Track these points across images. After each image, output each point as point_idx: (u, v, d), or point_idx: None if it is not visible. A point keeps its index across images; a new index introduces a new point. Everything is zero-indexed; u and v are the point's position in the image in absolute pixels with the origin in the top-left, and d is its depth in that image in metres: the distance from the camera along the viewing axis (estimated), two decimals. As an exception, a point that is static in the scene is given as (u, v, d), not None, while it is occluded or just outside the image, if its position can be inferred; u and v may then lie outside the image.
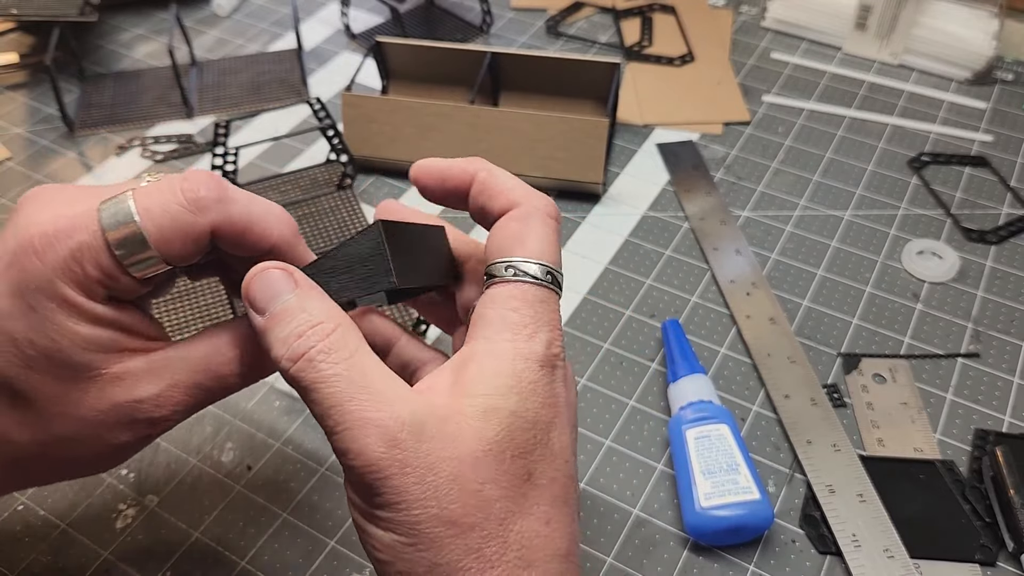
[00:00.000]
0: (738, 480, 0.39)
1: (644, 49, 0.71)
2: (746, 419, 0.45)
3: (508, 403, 0.26)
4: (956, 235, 0.55)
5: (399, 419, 0.25)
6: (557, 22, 0.74)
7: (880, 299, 0.51)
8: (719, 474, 0.40)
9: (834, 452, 0.43)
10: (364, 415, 0.25)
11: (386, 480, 0.25)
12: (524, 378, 0.27)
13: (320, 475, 0.43)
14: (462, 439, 0.26)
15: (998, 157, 0.61)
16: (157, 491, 0.43)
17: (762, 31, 0.73)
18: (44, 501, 0.42)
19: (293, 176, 0.60)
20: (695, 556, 0.40)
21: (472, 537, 0.25)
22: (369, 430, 0.25)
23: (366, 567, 0.40)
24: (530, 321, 0.28)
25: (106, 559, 0.40)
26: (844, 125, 0.64)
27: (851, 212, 0.57)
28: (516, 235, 0.29)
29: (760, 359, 0.47)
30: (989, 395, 0.46)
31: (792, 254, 0.54)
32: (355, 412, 0.25)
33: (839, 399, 0.46)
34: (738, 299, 0.51)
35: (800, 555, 0.40)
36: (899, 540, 0.39)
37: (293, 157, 0.61)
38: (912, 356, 0.48)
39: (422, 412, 0.26)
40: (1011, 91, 0.66)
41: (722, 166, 0.60)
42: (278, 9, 0.76)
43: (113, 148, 0.62)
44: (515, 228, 0.29)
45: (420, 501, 0.25)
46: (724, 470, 0.40)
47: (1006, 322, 0.50)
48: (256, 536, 0.41)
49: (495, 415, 0.26)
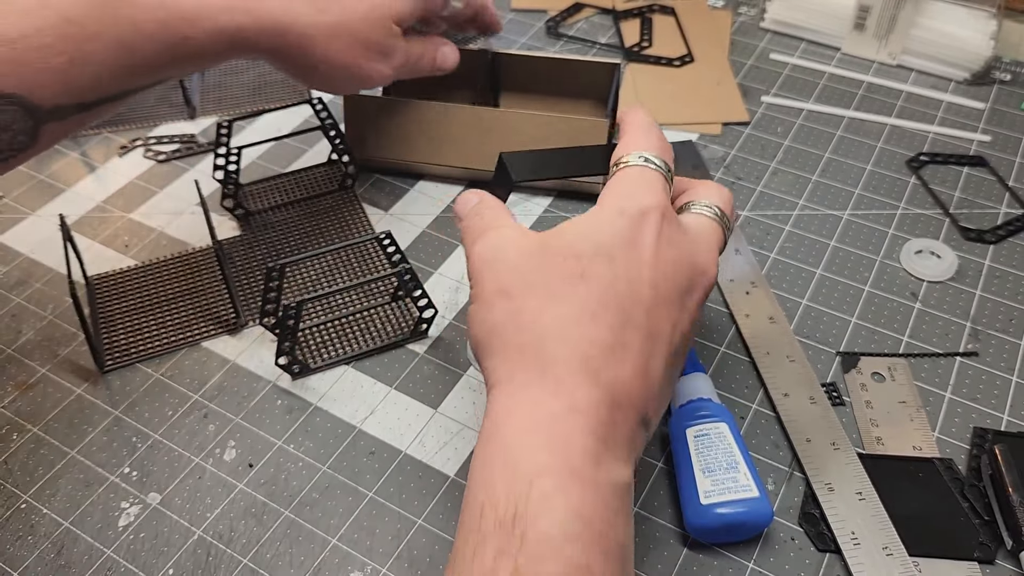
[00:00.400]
0: (737, 478, 0.39)
1: (644, 50, 0.71)
2: (745, 417, 0.45)
3: (575, 225, 0.35)
4: (954, 234, 0.55)
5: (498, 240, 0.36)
6: (557, 23, 0.75)
7: (879, 298, 0.51)
8: (719, 472, 0.40)
9: (833, 450, 0.43)
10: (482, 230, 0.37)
11: (473, 272, 0.36)
12: (600, 216, 0.35)
13: (322, 473, 0.43)
14: (528, 239, 0.35)
15: (996, 157, 0.61)
16: (159, 489, 0.43)
17: (761, 32, 0.74)
18: (47, 499, 0.43)
19: (295, 176, 0.60)
20: (695, 554, 0.40)
21: (514, 304, 0.33)
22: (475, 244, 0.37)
23: (368, 564, 0.40)
24: (623, 190, 0.36)
25: (108, 557, 0.40)
26: (843, 125, 0.64)
27: (850, 211, 0.57)
28: (621, 143, 0.39)
29: (759, 357, 0.48)
30: (987, 394, 0.46)
31: (791, 253, 0.54)
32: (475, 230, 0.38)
33: (838, 398, 0.46)
34: (737, 298, 0.51)
35: (799, 553, 0.40)
36: (898, 538, 0.39)
37: (296, 157, 0.62)
38: (911, 355, 0.48)
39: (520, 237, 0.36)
40: (1009, 91, 0.67)
41: (721, 166, 0.61)
42: None
43: (116, 148, 0.62)
44: (622, 138, 0.39)
45: (488, 278, 0.35)
46: (724, 468, 0.40)
47: (1004, 321, 0.50)
48: (258, 534, 0.41)
49: (560, 229, 0.35)
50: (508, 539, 0.28)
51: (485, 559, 0.28)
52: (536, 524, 0.28)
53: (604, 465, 0.30)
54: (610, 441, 0.31)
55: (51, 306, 0.52)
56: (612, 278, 0.33)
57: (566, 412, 0.31)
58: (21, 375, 0.48)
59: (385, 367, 0.48)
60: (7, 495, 0.43)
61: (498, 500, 0.29)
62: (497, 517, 0.28)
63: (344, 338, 0.49)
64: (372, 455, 0.44)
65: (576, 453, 0.30)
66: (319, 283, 0.53)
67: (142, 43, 0.40)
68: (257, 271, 0.53)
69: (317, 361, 0.48)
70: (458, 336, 0.50)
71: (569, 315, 0.33)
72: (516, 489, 0.29)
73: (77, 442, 0.45)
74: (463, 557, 0.29)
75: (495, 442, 0.31)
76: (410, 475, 0.43)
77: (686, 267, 0.35)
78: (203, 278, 0.53)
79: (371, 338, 0.49)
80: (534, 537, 0.27)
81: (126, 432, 0.45)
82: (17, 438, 0.45)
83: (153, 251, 0.55)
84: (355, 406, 0.46)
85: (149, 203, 0.59)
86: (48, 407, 0.47)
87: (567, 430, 0.30)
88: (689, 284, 0.35)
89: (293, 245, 0.55)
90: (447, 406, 0.46)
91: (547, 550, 0.27)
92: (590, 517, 0.29)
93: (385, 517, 0.42)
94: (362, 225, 0.56)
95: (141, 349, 0.49)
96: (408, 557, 0.40)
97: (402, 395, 0.47)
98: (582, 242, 0.34)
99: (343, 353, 0.49)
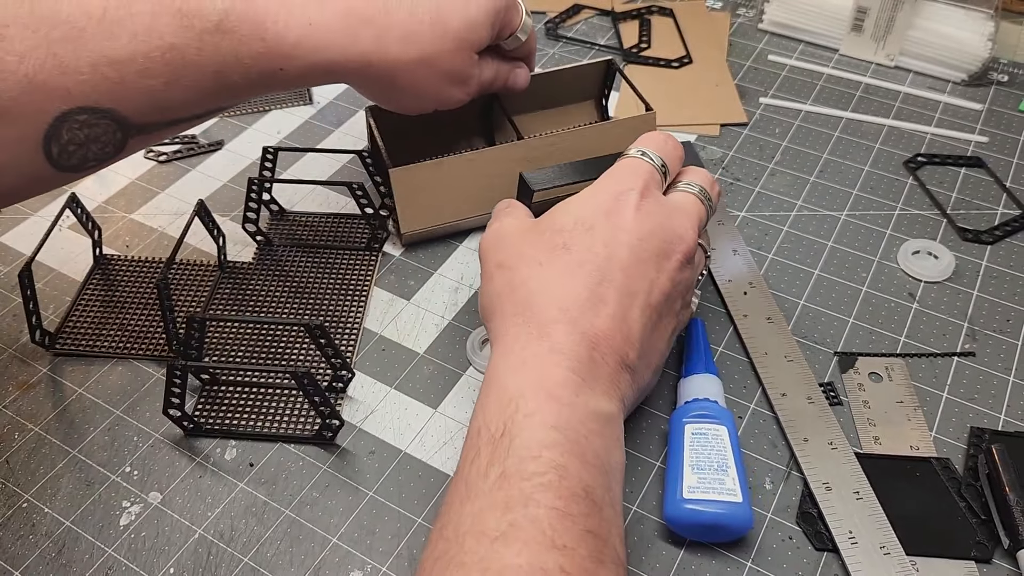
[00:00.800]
0: (725, 481, 0.39)
1: (642, 51, 0.71)
2: (743, 417, 0.46)
3: (564, 204, 0.41)
4: (952, 235, 0.55)
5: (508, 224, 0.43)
6: (556, 24, 0.75)
7: (876, 298, 0.52)
8: (707, 471, 0.40)
9: (831, 450, 0.43)
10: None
11: (481, 255, 0.43)
12: (585, 196, 0.41)
13: (322, 472, 0.44)
14: (524, 222, 0.43)
15: (994, 157, 0.61)
16: (160, 488, 0.43)
17: (759, 33, 0.74)
18: (48, 498, 0.43)
19: (326, 220, 0.57)
20: (693, 553, 0.40)
21: (508, 273, 0.40)
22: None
23: (368, 564, 0.40)
24: (608, 175, 0.42)
25: (109, 556, 0.40)
26: (841, 126, 0.64)
27: (848, 212, 0.57)
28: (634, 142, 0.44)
29: (757, 357, 0.48)
30: (985, 393, 0.46)
31: (789, 254, 0.54)
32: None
33: (835, 397, 0.46)
34: (735, 298, 0.51)
35: (797, 552, 0.40)
36: (895, 537, 0.39)
37: (334, 200, 0.59)
38: (908, 355, 0.48)
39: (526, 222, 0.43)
40: (1007, 92, 0.67)
41: (720, 167, 0.61)
42: None
43: (115, 149, 0.63)
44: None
45: (491, 256, 0.42)
46: (713, 468, 0.40)
47: (1001, 321, 0.50)
48: (259, 533, 0.41)
49: (551, 210, 0.42)
50: (497, 450, 0.33)
51: (480, 465, 0.33)
52: (520, 435, 0.33)
53: (583, 395, 0.35)
54: (589, 377, 0.36)
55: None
56: (590, 243, 0.39)
57: (547, 352, 0.36)
58: (22, 375, 0.48)
59: (385, 367, 0.48)
60: (8, 494, 0.43)
61: (491, 421, 0.35)
62: (490, 434, 0.34)
63: (251, 411, 0.46)
64: (372, 455, 0.44)
65: (555, 383, 0.35)
66: (241, 348, 0.49)
67: (238, 72, 0.42)
68: (243, 306, 0.51)
69: (213, 424, 0.45)
70: (458, 336, 0.50)
71: (552, 276, 0.39)
72: (505, 412, 0.34)
73: (78, 441, 0.45)
74: (461, 469, 0.34)
75: (491, 379, 0.37)
76: (410, 475, 0.43)
77: (662, 232, 0.40)
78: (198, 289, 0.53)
79: (273, 423, 0.45)
80: (519, 445, 0.33)
81: (127, 431, 0.45)
82: (19, 437, 0.45)
83: (154, 251, 0.55)
84: (355, 406, 0.47)
85: (150, 204, 0.59)
86: (49, 407, 0.47)
87: (548, 364, 0.36)
88: (666, 248, 0.40)
89: (287, 294, 0.52)
90: (447, 406, 0.46)
91: (527, 455, 0.33)
92: (565, 429, 0.34)
93: (385, 516, 0.42)
94: (363, 292, 0.52)
95: (142, 348, 0.49)
96: (408, 556, 0.40)
97: (402, 395, 0.47)
98: (566, 217, 0.40)
99: (243, 426, 0.45)
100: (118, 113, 0.40)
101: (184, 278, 0.53)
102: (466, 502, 0.32)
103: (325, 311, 0.51)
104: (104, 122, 0.39)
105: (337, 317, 0.51)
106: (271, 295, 0.52)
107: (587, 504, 0.32)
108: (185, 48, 0.40)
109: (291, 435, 0.45)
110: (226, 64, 0.41)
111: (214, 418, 0.46)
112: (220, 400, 0.46)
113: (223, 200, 0.59)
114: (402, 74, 0.45)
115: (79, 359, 0.49)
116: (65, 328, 0.50)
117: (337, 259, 0.54)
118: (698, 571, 0.40)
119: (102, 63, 0.38)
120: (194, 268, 0.54)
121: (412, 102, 0.48)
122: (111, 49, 0.38)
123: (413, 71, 0.45)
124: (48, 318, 0.51)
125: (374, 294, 0.52)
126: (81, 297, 0.52)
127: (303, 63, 0.43)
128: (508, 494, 0.31)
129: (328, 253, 0.54)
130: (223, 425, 0.45)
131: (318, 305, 0.51)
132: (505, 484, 0.32)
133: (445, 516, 0.33)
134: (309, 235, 0.56)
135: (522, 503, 0.31)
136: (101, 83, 0.38)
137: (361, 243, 0.55)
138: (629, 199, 0.40)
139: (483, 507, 0.32)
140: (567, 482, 0.32)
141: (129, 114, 0.40)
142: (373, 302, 0.52)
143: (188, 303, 0.51)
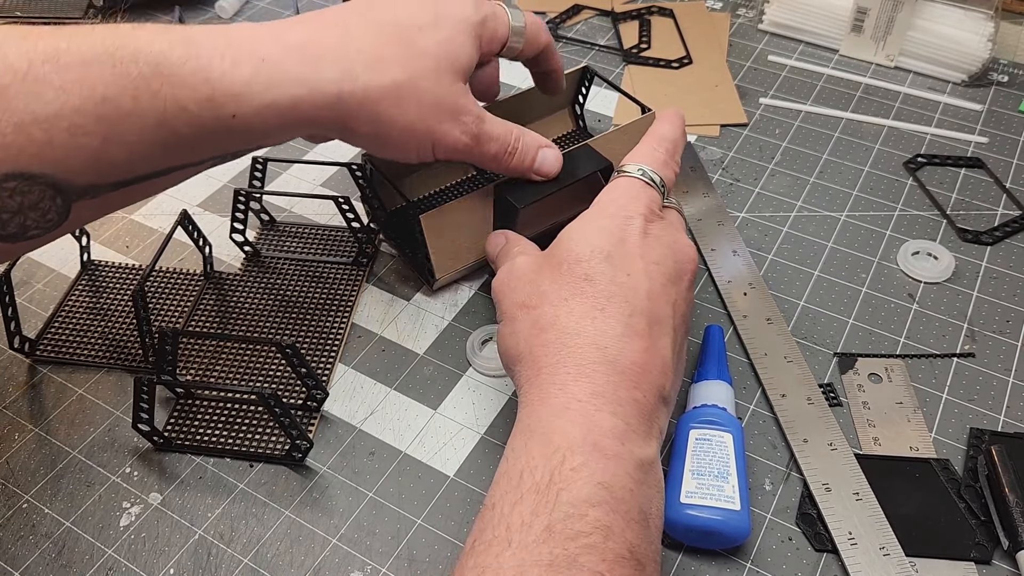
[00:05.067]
0: (724, 488, 0.39)
1: (642, 51, 0.71)
2: (743, 418, 0.46)
3: (569, 232, 0.40)
4: (951, 236, 0.55)
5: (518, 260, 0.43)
6: (556, 25, 0.75)
7: (876, 299, 0.52)
8: (707, 477, 0.40)
9: (830, 451, 0.43)
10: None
11: (495, 298, 0.42)
12: (590, 221, 0.40)
13: (322, 474, 0.44)
14: (534, 258, 0.42)
15: (994, 158, 0.61)
16: (160, 489, 0.43)
17: (759, 34, 0.74)
18: (48, 499, 0.43)
19: (314, 231, 0.56)
20: (692, 555, 0.40)
21: (533, 313, 0.39)
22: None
23: (368, 564, 0.40)
24: (611, 197, 0.41)
25: (109, 556, 0.40)
26: (840, 127, 0.64)
27: (847, 213, 0.57)
28: (634, 149, 0.44)
29: (757, 358, 0.48)
30: (984, 394, 0.47)
31: (789, 255, 0.54)
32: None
33: (835, 398, 0.46)
34: (735, 299, 0.51)
35: (796, 553, 0.40)
36: (895, 538, 0.40)
37: (325, 211, 0.58)
38: (908, 356, 0.48)
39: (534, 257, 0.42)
40: (1006, 93, 0.67)
41: (720, 167, 0.61)
42: (281, 11, 0.77)
43: (115, 150, 0.62)
44: (639, 144, 0.44)
45: (508, 298, 0.41)
46: (714, 475, 0.40)
47: (1001, 322, 0.50)
48: (259, 533, 0.41)
49: (558, 241, 0.41)
50: (543, 500, 0.32)
51: (523, 512, 0.32)
52: (568, 489, 0.32)
53: (628, 444, 0.34)
54: (632, 419, 0.35)
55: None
56: (613, 273, 0.38)
57: (589, 396, 0.35)
58: (23, 375, 0.48)
59: (385, 367, 0.48)
60: (9, 495, 0.43)
61: (535, 467, 0.33)
62: (535, 481, 0.33)
63: (223, 428, 0.45)
64: (372, 455, 0.44)
65: (602, 431, 0.34)
66: (217, 363, 0.48)
67: (183, 122, 0.37)
68: (225, 320, 0.51)
69: (184, 439, 0.45)
70: (458, 337, 0.50)
71: (582, 311, 0.37)
72: (551, 460, 0.33)
73: (79, 442, 0.45)
74: (501, 509, 0.33)
75: (532, 425, 0.35)
76: (410, 475, 0.43)
77: (672, 254, 0.40)
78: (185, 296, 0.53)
79: (245, 440, 0.45)
80: (565, 500, 0.32)
81: (127, 432, 0.45)
82: (19, 438, 0.45)
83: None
84: (355, 406, 0.47)
85: (150, 204, 0.59)
86: (50, 407, 0.47)
87: (591, 411, 0.35)
88: (679, 268, 0.40)
89: (271, 307, 0.51)
90: (447, 406, 0.46)
91: (574, 512, 0.32)
92: (612, 486, 0.33)
93: (385, 517, 0.42)
94: (344, 312, 0.51)
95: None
96: (408, 557, 0.40)
97: (402, 395, 0.47)
98: (581, 246, 0.39)
99: (214, 443, 0.44)
100: (51, 177, 0.35)
101: (168, 287, 0.52)
102: (507, 550, 0.32)
103: (308, 326, 0.50)
104: (37, 188, 0.35)
105: (320, 333, 0.50)
106: (255, 307, 0.51)
107: (631, 565, 0.32)
108: (119, 98, 0.35)
109: (262, 454, 0.44)
110: (168, 113, 0.36)
111: (186, 433, 0.45)
112: (193, 415, 0.46)
113: (223, 200, 0.59)
114: (383, 106, 0.41)
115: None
116: (46, 336, 0.50)
117: (324, 272, 0.53)
118: (697, 572, 0.40)
119: (27, 122, 0.33)
120: (179, 277, 0.53)
121: (405, 142, 0.43)
122: (36, 106, 0.34)
123: (394, 101, 0.41)
124: (39, 323, 0.51)
125: (374, 294, 0.52)
126: (65, 303, 0.52)
127: (258, 104, 0.38)
128: (552, 552, 0.31)
129: (315, 266, 0.54)
130: (194, 441, 0.45)
131: (302, 319, 0.50)
132: (550, 540, 0.31)
133: (483, 556, 0.32)
134: (297, 246, 0.55)
135: (567, 564, 0.31)
136: (27, 145, 0.33)
137: (349, 256, 0.54)
138: (637, 225, 0.40)
139: (526, 561, 0.31)
140: (611, 543, 0.32)
141: (66, 177, 0.35)
142: (373, 302, 0.52)
143: (171, 313, 0.51)
